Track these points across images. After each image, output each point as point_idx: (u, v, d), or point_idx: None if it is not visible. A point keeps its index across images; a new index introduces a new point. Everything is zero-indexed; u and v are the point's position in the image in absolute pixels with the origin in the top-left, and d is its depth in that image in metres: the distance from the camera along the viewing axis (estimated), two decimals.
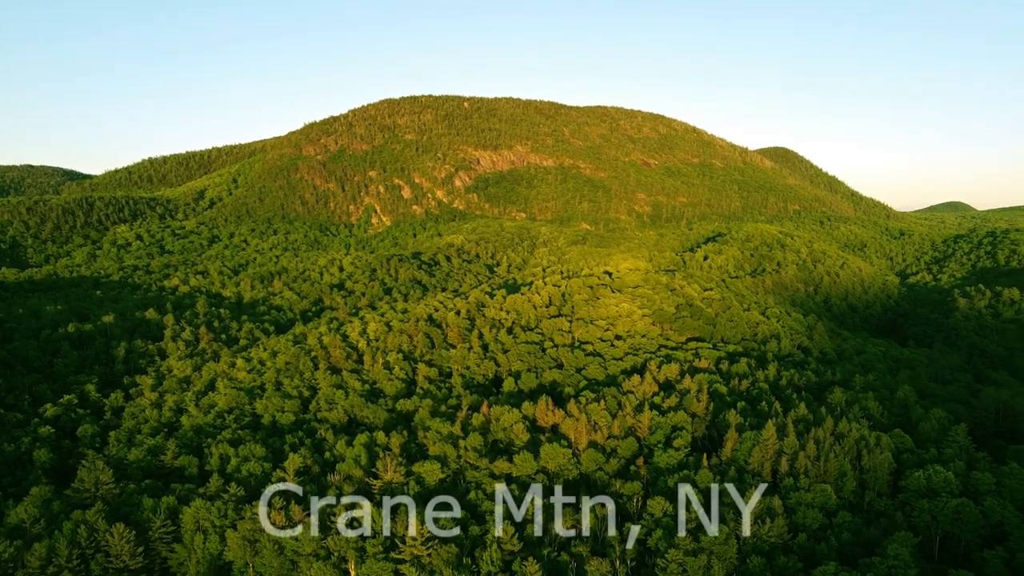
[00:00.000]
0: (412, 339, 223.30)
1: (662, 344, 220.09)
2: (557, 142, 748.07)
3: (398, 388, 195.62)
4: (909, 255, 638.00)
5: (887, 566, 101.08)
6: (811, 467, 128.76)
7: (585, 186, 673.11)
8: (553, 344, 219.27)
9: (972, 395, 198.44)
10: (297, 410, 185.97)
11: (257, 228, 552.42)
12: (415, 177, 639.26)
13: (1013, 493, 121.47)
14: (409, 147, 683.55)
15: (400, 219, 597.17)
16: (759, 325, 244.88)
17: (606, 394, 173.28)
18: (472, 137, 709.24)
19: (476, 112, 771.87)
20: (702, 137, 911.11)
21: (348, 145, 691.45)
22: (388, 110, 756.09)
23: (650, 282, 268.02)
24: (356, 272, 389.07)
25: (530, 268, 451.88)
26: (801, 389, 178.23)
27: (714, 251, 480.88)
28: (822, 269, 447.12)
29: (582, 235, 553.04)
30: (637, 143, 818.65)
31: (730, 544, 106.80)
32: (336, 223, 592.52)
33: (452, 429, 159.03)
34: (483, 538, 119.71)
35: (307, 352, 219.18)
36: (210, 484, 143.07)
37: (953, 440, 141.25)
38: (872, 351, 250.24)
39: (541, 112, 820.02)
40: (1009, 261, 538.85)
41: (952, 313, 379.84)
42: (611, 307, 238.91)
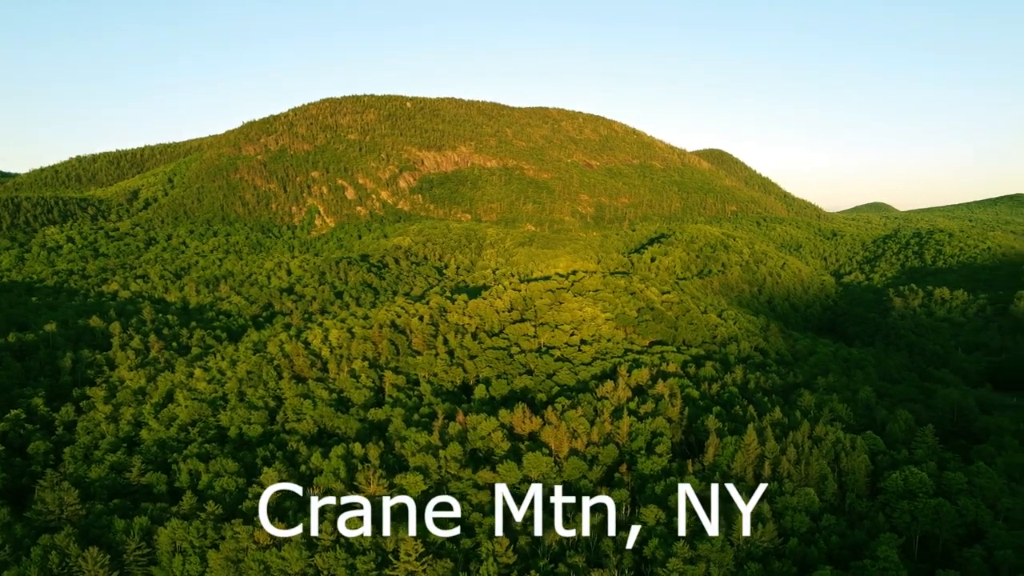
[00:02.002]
0: (376, 346, 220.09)
1: (628, 348, 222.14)
2: (500, 143, 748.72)
3: (366, 397, 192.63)
4: (842, 255, 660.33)
5: (878, 568, 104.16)
6: (793, 471, 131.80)
7: (529, 187, 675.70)
8: (520, 349, 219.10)
9: (924, 394, 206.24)
10: (264, 421, 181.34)
11: (196, 230, 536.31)
12: (359, 178, 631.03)
13: (984, 492, 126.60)
14: (352, 147, 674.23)
15: (344, 220, 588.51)
16: (718, 328, 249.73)
17: (582, 400, 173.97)
18: (416, 138, 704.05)
19: (419, 112, 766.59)
20: (642, 139, 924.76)
21: (289, 145, 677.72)
22: (330, 109, 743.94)
23: (609, 285, 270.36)
24: (305, 276, 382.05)
25: (479, 270, 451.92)
26: (771, 392, 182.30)
27: (660, 252, 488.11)
28: (764, 270, 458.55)
29: (528, 236, 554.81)
30: (579, 144, 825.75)
31: (727, 551, 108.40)
32: (279, 224, 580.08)
33: (430, 439, 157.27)
34: (476, 551, 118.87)
35: (269, 361, 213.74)
36: (183, 502, 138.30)
37: (922, 441, 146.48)
38: (823, 352, 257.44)
39: (484, 113, 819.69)
40: (935, 261, 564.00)
41: (889, 313, 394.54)
42: (575, 311, 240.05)
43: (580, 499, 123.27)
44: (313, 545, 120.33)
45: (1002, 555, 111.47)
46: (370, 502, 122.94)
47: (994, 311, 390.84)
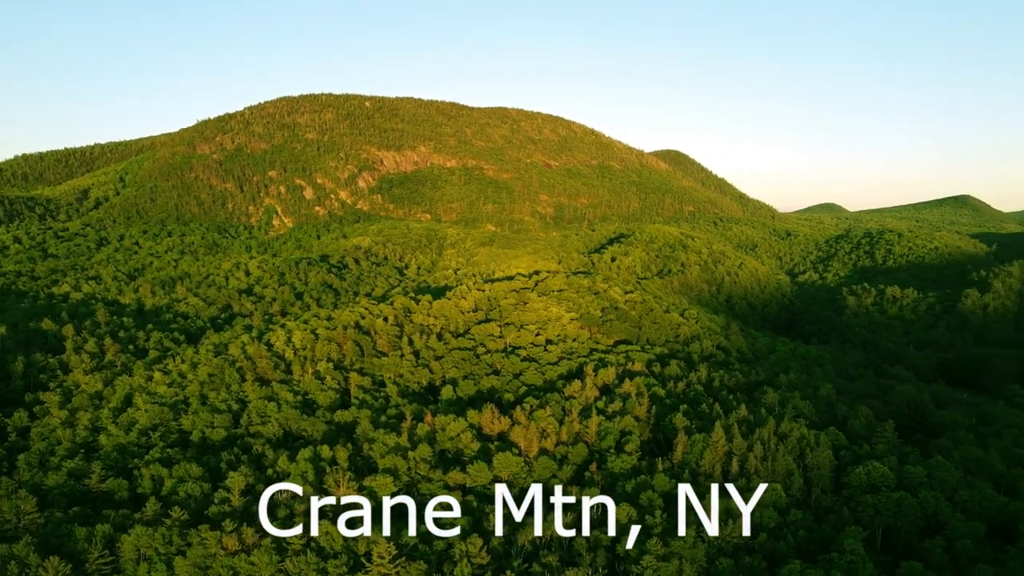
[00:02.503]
0: (341, 347, 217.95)
1: (593, 348, 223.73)
2: (460, 143, 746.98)
3: (332, 399, 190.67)
4: (796, 255, 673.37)
5: (845, 561, 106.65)
6: (761, 467, 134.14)
7: (489, 187, 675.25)
8: (486, 350, 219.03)
9: (881, 390, 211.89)
10: (228, 425, 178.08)
11: (150, 230, 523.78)
12: (317, 177, 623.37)
13: (943, 485, 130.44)
14: (310, 147, 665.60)
15: (303, 220, 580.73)
16: (680, 327, 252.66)
17: (550, 400, 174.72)
18: (375, 137, 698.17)
19: (378, 112, 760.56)
20: (600, 139, 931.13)
21: (246, 144, 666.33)
22: (287, 108, 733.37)
23: (573, 285, 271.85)
24: (264, 276, 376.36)
25: (440, 270, 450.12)
26: (735, 390, 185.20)
27: (620, 252, 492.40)
28: (723, 269, 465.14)
29: (489, 236, 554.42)
30: (538, 145, 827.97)
31: (699, 547, 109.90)
32: (235, 225, 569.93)
33: (399, 440, 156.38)
34: (449, 552, 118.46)
35: (231, 363, 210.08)
36: (147, 509, 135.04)
37: (882, 436, 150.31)
38: (782, 350, 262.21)
39: (443, 112, 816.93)
40: (886, 260, 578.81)
41: (844, 311, 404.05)
42: (540, 311, 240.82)
43: (580, 499, 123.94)
44: (283, 549, 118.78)
45: (961, 545, 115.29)
46: (370, 502, 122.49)
47: (943, 309, 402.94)
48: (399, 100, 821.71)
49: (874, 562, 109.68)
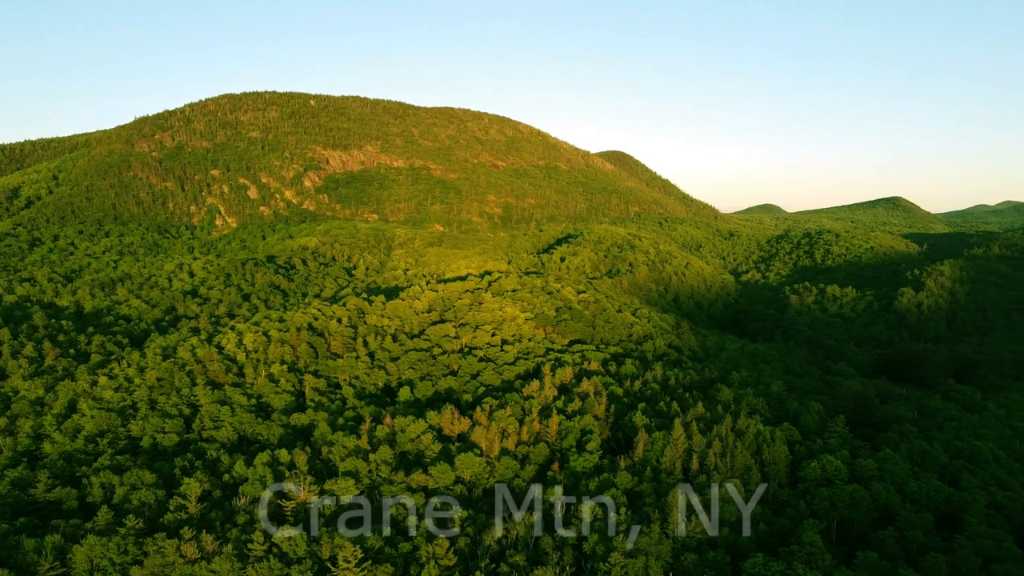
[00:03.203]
0: (295, 349, 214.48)
1: (549, 347, 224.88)
2: (407, 143, 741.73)
3: (287, 401, 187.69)
4: (739, 254, 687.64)
5: (805, 553, 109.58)
6: (720, 463, 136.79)
7: (437, 187, 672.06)
8: (443, 351, 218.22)
9: (827, 386, 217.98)
10: (180, 430, 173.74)
11: (86, 230, 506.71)
12: (262, 177, 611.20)
13: (892, 477, 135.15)
14: (254, 145, 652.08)
15: (247, 220, 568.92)
16: (633, 326, 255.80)
17: (509, 400, 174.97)
18: (321, 136, 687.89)
19: (323, 110, 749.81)
20: (547, 140, 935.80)
21: (187, 142, 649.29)
22: (230, 106, 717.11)
23: (527, 285, 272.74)
24: (209, 278, 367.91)
25: (388, 271, 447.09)
26: (691, 388, 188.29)
27: (569, 252, 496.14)
28: (670, 269, 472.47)
29: (438, 237, 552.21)
30: (485, 145, 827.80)
31: (664, 543, 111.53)
32: (176, 225, 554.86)
33: (359, 443, 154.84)
34: (415, 554, 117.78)
35: (181, 366, 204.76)
36: (98, 518, 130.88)
37: (834, 431, 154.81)
38: (731, 348, 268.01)
39: (390, 112, 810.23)
40: (825, 260, 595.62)
41: (787, 309, 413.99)
42: (495, 311, 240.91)
43: (580, 500, 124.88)
44: (245, 556, 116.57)
45: (912, 535, 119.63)
46: (370, 503, 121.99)
47: (880, 307, 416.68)
48: (345, 99, 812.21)
49: (831, 553, 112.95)
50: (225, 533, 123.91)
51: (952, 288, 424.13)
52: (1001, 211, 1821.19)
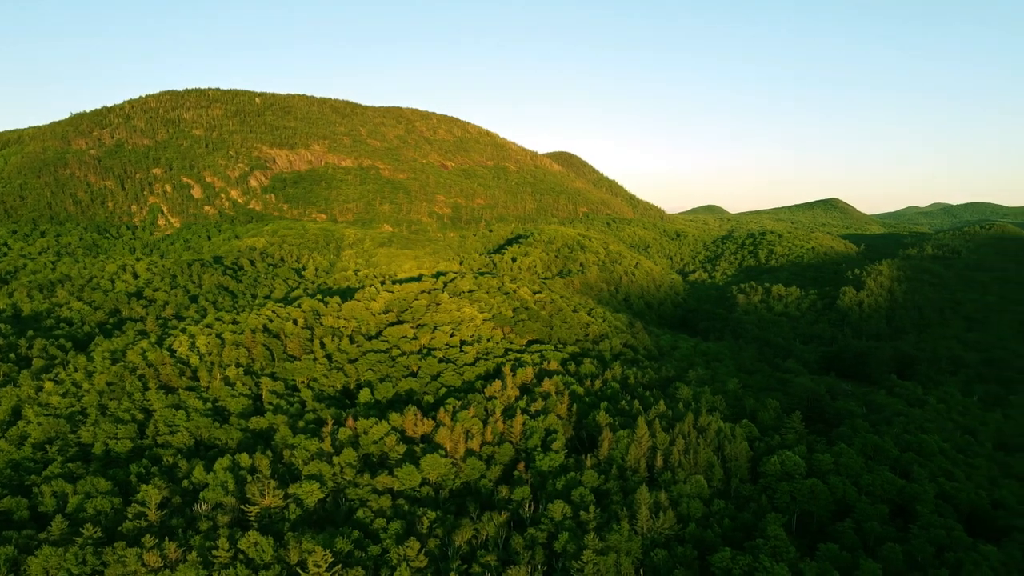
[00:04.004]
0: (250, 352, 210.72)
1: (508, 348, 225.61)
2: (355, 142, 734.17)
3: (244, 405, 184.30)
4: (686, 254, 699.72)
5: (770, 546, 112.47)
6: (684, 461, 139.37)
7: (386, 187, 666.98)
8: (401, 352, 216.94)
9: (779, 383, 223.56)
10: (133, 436, 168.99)
11: (20, 230, 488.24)
12: (206, 176, 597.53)
13: (848, 471, 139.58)
14: (198, 143, 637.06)
15: (191, 220, 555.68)
16: (589, 326, 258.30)
17: (472, 401, 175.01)
18: (267, 135, 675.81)
19: (269, 109, 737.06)
20: (495, 140, 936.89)
21: (127, 139, 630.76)
22: (171, 103, 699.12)
23: (483, 286, 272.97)
24: (154, 279, 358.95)
25: (338, 272, 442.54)
26: (650, 387, 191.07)
27: (520, 253, 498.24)
28: (620, 269, 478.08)
29: (388, 237, 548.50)
30: (434, 145, 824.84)
31: (634, 540, 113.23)
32: (116, 225, 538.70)
33: (322, 446, 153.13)
34: (385, 557, 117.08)
35: (131, 370, 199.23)
36: (52, 528, 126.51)
37: (791, 427, 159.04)
38: (685, 347, 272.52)
39: (337, 111, 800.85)
40: (768, 260, 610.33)
41: (735, 309, 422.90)
42: (452, 312, 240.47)
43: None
44: (210, 563, 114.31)
45: (869, 527, 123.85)
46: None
47: (823, 305, 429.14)
48: (291, 97, 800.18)
49: (794, 546, 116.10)
50: (188, 540, 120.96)
51: (891, 287, 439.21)
52: (931, 212, 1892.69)
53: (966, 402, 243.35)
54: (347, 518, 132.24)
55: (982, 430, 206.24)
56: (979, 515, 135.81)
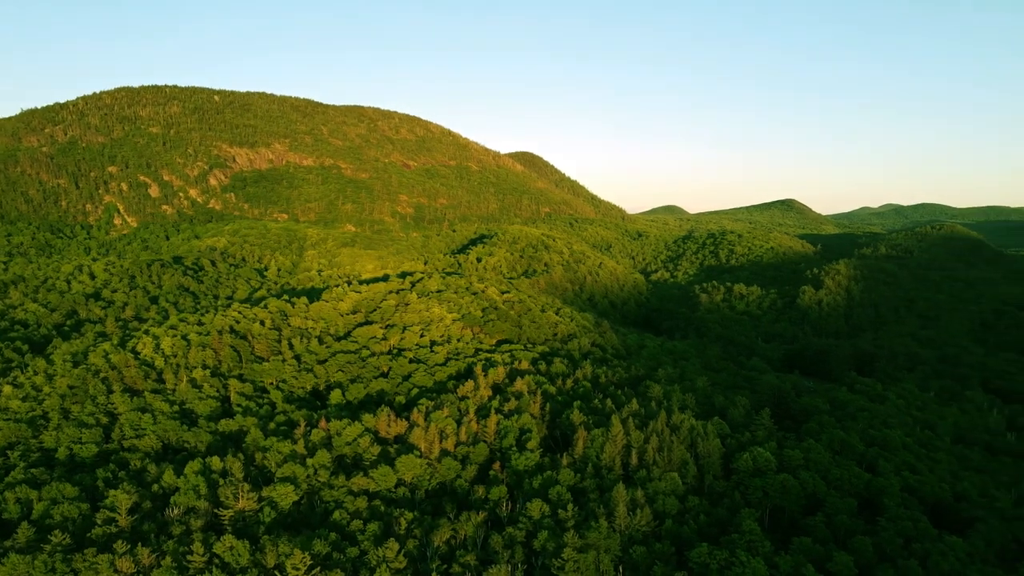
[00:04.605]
0: (217, 353, 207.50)
1: (478, 348, 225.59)
2: (316, 141, 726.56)
3: (212, 407, 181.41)
4: (648, 254, 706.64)
5: (746, 541, 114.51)
6: (658, 458, 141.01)
7: (348, 187, 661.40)
8: (371, 352, 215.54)
9: (746, 381, 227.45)
10: (99, 440, 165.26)
11: None
12: (164, 174, 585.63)
13: (817, 466, 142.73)
14: (155, 141, 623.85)
15: (149, 220, 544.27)
16: (558, 325, 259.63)
17: (445, 401, 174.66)
18: (226, 133, 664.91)
19: (228, 107, 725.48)
20: (458, 140, 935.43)
21: (81, 136, 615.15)
22: (127, 99, 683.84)
23: (451, 286, 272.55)
24: (112, 280, 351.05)
25: (302, 272, 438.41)
26: (622, 385, 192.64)
27: (485, 253, 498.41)
28: (584, 269, 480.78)
29: (351, 237, 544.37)
30: (396, 144, 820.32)
31: (613, 537, 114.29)
32: (71, 224, 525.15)
33: (295, 448, 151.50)
34: (364, 559, 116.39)
35: (94, 373, 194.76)
36: (18, 535, 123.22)
37: (761, 424, 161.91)
38: (651, 346, 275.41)
39: (298, 109, 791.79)
40: (729, 259, 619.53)
41: (698, 308, 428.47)
42: (422, 312, 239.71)
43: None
44: (185, 568, 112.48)
45: (839, 520, 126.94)
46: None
47: (784, 304, 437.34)
48: (250, 95, 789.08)
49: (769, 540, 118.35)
50: (161, 546, 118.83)
51: (848, 286, 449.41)
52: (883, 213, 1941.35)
53: (924, 398, 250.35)
54: (323, 520, 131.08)
55: (940, 424, 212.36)
56: (943, 507, 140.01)
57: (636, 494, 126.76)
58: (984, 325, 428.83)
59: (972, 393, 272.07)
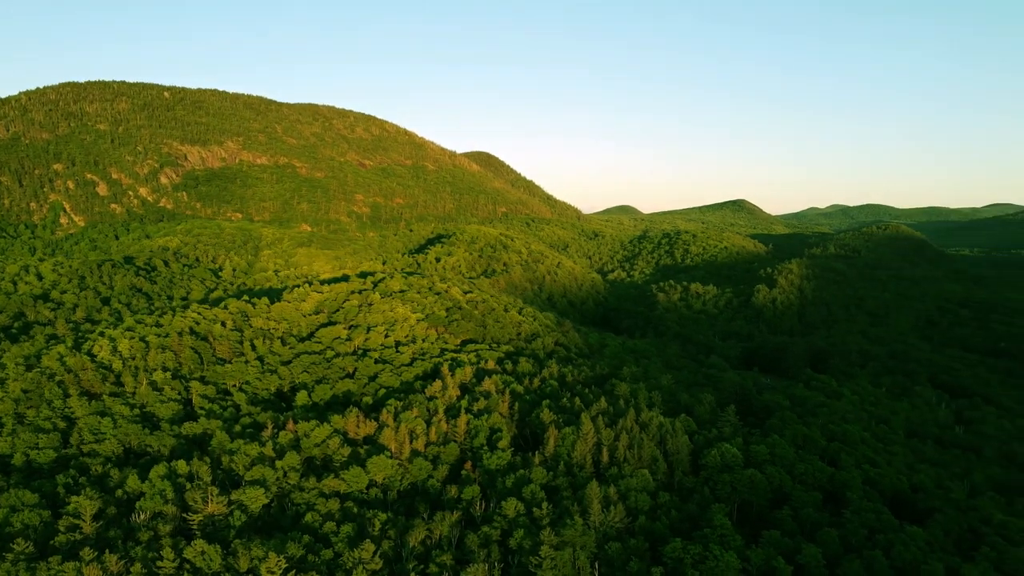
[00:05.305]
0: (177, 355, 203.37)
1: (443, 348, 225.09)
2: (270, 139, 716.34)
3: (175, 410, 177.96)
4: (604, 254, 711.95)
5: (718, 535, 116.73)
6: (629, 455, 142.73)
7: (303, 186, 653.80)
8: (336, 353, 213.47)
9: (707, 379, 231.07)
10: (56, 445, 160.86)
11: None
12: (112, 172, 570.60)
13: (782, 461, 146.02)
14: (103, 138, 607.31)
15: (97, 219, 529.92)
16: (521, 324, 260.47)
17: (413, 401, 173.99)
18: (177, 131, 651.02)
19: (179, 104, 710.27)
20: (414, 139, 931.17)
21: (23, 133, 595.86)
22: (73, 95, 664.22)
23: (414, 286, 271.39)
24: (61, 280, 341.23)
25: (257, 272, 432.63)
26: (588, 384, 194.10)
27: (444, 252, 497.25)
28: (543, 269, 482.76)
29: (307, 237, 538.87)
30: (351, 143, 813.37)
31: (589, 534, 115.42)
32: (14, 223, 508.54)
33: (263, 450, 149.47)
34: (339, 560, 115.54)
35: (49, 376, 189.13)
36: None
37: (727, 420, 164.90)
38: (613, 344, 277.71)
39: (251, 107, 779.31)
40: (684, 259, 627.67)
41: (655, 307, 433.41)
42: (386, 312, 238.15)
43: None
44: (155, 574, 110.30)
45: (805, 513, 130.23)
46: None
47: (739, 303, 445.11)
48: (202, 92, 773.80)
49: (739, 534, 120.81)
50: (129, 552, 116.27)
51: (801, 285, 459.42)
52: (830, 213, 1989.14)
53: (877, 393, 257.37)
54: (295, 523, 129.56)
55: (894, 419, 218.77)
56: (902, 498, 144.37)
57: (609, 491, 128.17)
58: (929, 322, 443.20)
59: (921, 388, 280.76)
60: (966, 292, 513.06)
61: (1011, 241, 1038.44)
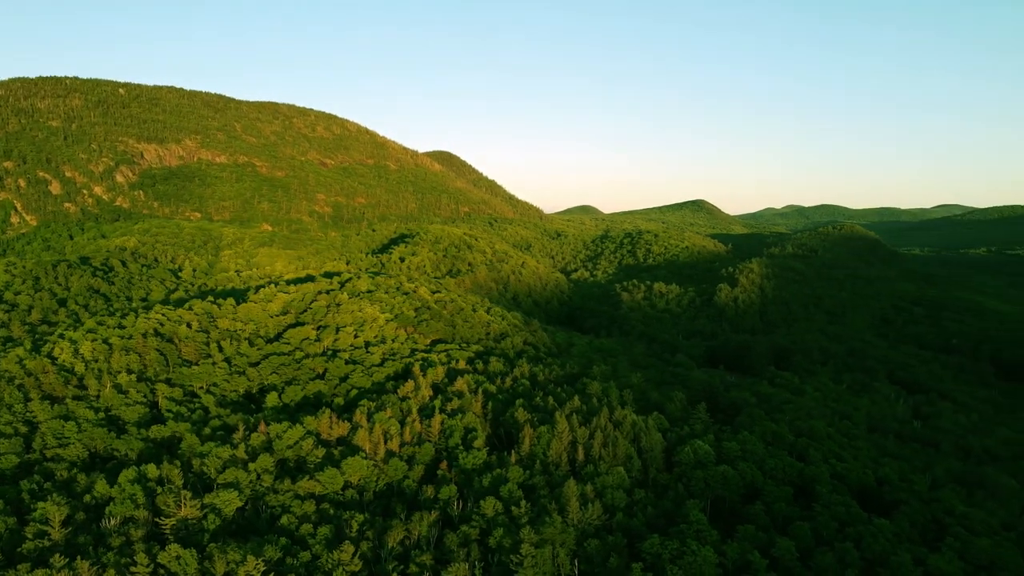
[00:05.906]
0: (142, 357, 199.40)
1: (413, 348, 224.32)
2: (230, 138, 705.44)
3: (141, 413, 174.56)
4: (567, 254, 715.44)
5: (694, 530, 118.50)
6: (604, 453, 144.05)
7: (264, 185, 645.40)
8: (305, 354, 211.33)
9: (674, 377, 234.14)
10: (19, 450, 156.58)
11: None
12: (66, 170, 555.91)
13: (753, 456, 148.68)
14: (55, 135, 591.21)
15: (50, 218, 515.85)
16: (490, 324, 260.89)
17: (387, 402, 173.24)
18: (133, 128, 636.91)
19: (135, 100, 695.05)
20: (375, 139, 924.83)
21: None
22: (23, 91, 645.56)
23: (382, 286, 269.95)
24: (15, 281, 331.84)
25: (219, 272, 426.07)
26: (560, 383, 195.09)
27: (408, 252, 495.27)
28: (507, 268, 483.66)
29: (268, 236, 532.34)
30: (312, 142, 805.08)
31: (568, 532, 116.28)
32: None
33: (235, 452, 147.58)
34: (317, 562, 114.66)
35: (8, 380, 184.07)
36: None
37: (698, 418, 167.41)
38: (580, 343, 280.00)
39: (209, 105, 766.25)
40: (646, 259, 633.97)
41: (620, 306, 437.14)
42: (354, 312, 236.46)
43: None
44: None
45: (777, 508, 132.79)
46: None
47: (702, 302, 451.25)
48: (158, 89, 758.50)
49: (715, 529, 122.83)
50: (100, 558, 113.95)
51: (761, 284, 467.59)
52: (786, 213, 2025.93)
53: (838, 390, 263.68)
54: (270, 526, 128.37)
55: (855, 415, 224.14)
56: (868, 492, 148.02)
57: (586, 489, 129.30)
58: (884, 320, 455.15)
59: (880, 384, 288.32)
60: (918, 291, 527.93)
61: (959, 241, 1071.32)
